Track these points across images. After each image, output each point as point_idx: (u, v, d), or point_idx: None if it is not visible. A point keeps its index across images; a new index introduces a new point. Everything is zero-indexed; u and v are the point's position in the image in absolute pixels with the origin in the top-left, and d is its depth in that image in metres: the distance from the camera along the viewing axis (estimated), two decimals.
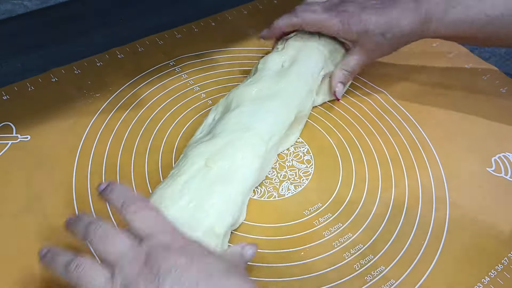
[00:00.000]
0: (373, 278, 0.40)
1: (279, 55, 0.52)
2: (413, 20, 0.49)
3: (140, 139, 0.50)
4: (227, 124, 0.44)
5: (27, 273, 0.38)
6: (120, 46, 0.61)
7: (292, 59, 0.51)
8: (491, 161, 0.51)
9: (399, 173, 0.49)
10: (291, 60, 0.51)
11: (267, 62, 0.51)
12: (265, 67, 0.51)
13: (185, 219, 0.37)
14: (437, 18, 0.49)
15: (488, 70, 0.63)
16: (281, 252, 0.41)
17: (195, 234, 0.36)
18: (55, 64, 0.58)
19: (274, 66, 0.51)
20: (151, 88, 0.56)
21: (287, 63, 0.51)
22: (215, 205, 0.38)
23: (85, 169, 0.46)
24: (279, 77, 0.49)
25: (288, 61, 0.52)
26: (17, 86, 0.54)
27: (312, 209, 0.45)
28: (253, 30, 0.66)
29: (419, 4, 0.49)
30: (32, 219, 0.42)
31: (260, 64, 0.52)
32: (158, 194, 0.39)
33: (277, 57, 0.52)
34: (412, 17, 0.49)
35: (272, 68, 0.51)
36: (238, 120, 0.44)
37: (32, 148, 0.48)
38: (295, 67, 0.50)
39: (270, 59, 0.52)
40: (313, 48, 0.53)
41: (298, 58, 0.51)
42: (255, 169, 0.42)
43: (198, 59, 0.61)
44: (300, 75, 0.50)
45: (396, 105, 0.56)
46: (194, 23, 0.66)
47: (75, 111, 0.52)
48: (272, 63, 0.51)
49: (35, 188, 0.44)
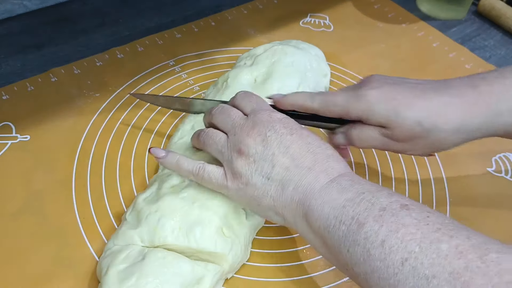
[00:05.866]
0: None
1: (250, 70, 0.49)
2: None
3: (140, 139, 0.50)
4: None
5: (27, 272, 0.38)
6: (120, 46, 0.61)
7: (266, 75, 0.49)
8: (491, 161, 0.51)
9: (399, 173, 0.49)
10: (265, 76, 0.49)
11: (238, 77, 0.49)
12: (236, 82, 0.48)
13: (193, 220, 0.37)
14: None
15: (488, 70, 0.63)
16: (281, 252, 0.41)
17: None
18: (55, 64, 0.58)
19: (246, 81, 0.49)
20: (151, 88, 0.56)
21: (260, 78, 0.49)
22: None
23: (84, 169, 0.46)
24: (258, 92, 0.45)
25: (261, 76, 0.49)
26: (17, 86, 0.54)
27: None
28: (253, 30, 0.66)
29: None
30: (32, 219, 0.42)
31: (230, 79, 0.49)
32: None
33: (249, 72, 0.49)
34: None
35: (244, 83, 0.48)
36: None
37: (32, 148, 0.48)
38: (273, 82, 0.48)
39: (242, 74, 0.49)
40: (287, 66, 0.50)
41: (273, 73, 0.49)
42: None
43: (198, 58, 0.61)
44: (281, 89, 0.47)
45: None
46: (194, 23, 0.67)
47: (75, 111, 0.52)
48: (244, 78, 0.49)
49: (35, 188, 0.44)
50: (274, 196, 0.34)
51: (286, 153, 0.34)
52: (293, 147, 0.34)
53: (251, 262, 0.40)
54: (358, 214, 0.29)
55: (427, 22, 0.71)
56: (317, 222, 0.31)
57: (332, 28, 0.68)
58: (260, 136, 0.35)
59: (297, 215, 0.33)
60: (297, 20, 0.69)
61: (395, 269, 0.26)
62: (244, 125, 0.36)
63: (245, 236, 0.39)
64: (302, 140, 0.34)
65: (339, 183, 0.32)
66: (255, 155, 0.34)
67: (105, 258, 0.36)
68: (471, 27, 0.71)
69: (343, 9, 0.72)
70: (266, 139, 0.34)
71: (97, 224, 0.42)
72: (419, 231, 0.27)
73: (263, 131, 0.35)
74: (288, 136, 0.34)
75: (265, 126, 0.35)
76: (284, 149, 0.34)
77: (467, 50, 0.66)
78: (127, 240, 0.37)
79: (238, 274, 0.39)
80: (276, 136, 0.34)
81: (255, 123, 0.35)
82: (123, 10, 0.68)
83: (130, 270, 0.34)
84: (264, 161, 0.34)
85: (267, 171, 0.34)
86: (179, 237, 0.36)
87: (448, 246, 0.25)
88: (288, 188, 0.33)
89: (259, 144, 0.34)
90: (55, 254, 0.39)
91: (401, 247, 0.26)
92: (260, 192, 0.34)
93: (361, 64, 0.62)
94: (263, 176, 0.34)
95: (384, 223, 0.28)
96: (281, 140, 0.34)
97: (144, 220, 0.37)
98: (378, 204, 0.29)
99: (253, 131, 0.35)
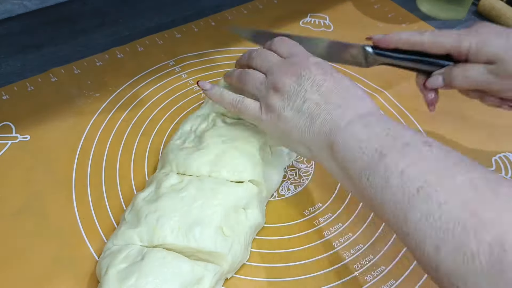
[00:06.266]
0: (373, 278, 0.40)
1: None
2: None
3: (140, 139, 0.50)
4: None
5: (27, 272, 0.38)
6: (120, 46, 0.61)
7: None
8: (491, 161, 0.51)
9: None
10: None
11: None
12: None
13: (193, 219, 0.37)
14: None
15: None
16: (281, 252, 0.41)
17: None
18: (55, 64, 0.58)
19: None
20: (151, 88, 0.56)
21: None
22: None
23: (85, 169, 0.46)
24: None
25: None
26: (17, 86, 0.54)
27: (312, 209, 0.45)
28: None
29: None
30: (32, 219, 0.42)
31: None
32: None
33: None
34: None
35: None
36: None
37: (32, 148, 0.48)
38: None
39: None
40: None
41: None
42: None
43: (198, 59, 0.61)
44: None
45: (396, 105, 0.56)
46: (194, 23, 0.67)
47: (75, 111, 0.52)
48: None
49: (35, 188, 0.44)
50: (303, 128, 0.36)
51: (318, 91, 0.36)
52: (325, 86, 0.36)
53: (251, 262, 0.40)
54: (381, 146, 0.31)
55: (427, 22, 0.71)
56: (341, 153, 0.33)
57: (332, 28, 0.68)
58: (295, 76, 0.37)
59: (323, 147, 0.35)
60: (297, 20, 0.69)
61: (410, 196, 0.28)
62: (281, 65, 0.39)
63: (245, 236, 0.38)
64: (335, 81, 0.36)
65: (366, 119, 0.33)
66: (289, 91, 0.37)
67: (105, 258, 0.36)
68: None
69: (343, 9, 0.72)
70: (301, 78, 0.37)
71: (97, 224, 0.42)
72: (438, 164, 0.28)
73: (299, 71, 0.37)
74: (322, 76, 0.36)
75: (301, 67, 0.37)
76: (317, 87, 0.36)
77: None
78: (126, 239, 0.37)
79: (238, 274, 0.39)
80: (310, 75, 0.36)
81: (292, 64, 0.38)
82: (123, 10, 0.68)
83: (130, 270, 0.34)
84: (297, 96, 0.36)
85: (298, 105, 0.36)
86: (179, 237, 0.36)
87: (464, 178, 0.27)
88: (316, 121, 0.35)
89: (294, 82, 0.37)
90: (55, 254, 0.39)
91: (418, 177, 0.28)
92: (291, 125, 0.36)
93: None
94: (294, 109, 0.36)
95: (405, 156, 0.29)
96: (314, 79, 0.36)
97: (144, 219, 0.37)
98: (402, 139, 0.31)
99: (289, 70, 0.37)
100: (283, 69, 0.38)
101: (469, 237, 0.24)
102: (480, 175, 0.27)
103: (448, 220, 0.26)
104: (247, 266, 0.40)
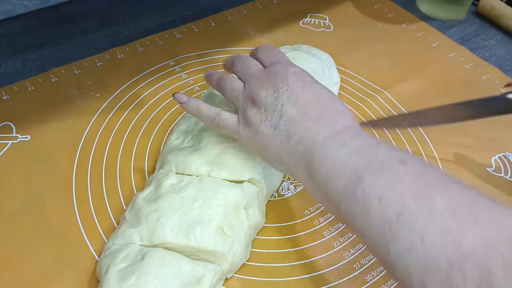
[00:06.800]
0: (373, 278, 0.40)
1: None
2: None
3: (140, 139, 0.50)
4: None
5: (27, 272, 0.38)
6: (120, 46, 0.61)
7: None
8: (491, 161, 0.51)
9: None
10: None
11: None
12: None
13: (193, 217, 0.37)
14: None
15: (488, 70, 0.63)
16: (281, 252, 0.41)
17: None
18: (55, 64, 0.58)
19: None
20: (151, 88, 0.56)
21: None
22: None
23: (85, 169, 0.46)
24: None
25: None
26: (17, 86, 0.54)
27: (312, 209, 0.45)
28: (253, 30, 0.66)
29: None
30: (32, 219, 0.42)
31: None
32: None
33: None
34: None
35: None
36: None
37: (32, 148, 0.48)
38: None
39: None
40: None
41: None
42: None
43: (198, 59, 0.61)
44: None
45: (396, 105, 0.56)
46: (194, 23, 0.67)
47: (75, 111, 0.52)
48: None
49: (35, 188, 0.44)
50: (279, 145, 0.35)
51: (295, 105, 0.35)
52: (302, 100, 0.35)
53: (251, 262, 0.40)
54: (357, 169, 0.30)
55: (427, 22, 0.71)
56: (318, 174, 0.32)
57: (332, 28, 0.68)
58: (272, 88, 0.36)
59: (300, 166, 0.34)
60: (297, 20, 0.69)
61: (390, 222, 0.27)
62: (260, 76, 0.38)
63: (245, 235, 0.39)
64: (313, 93, 0.36)
65: (341, 137, 0.33)
66: (266, 105, 0.36)
67: (105, 257, 0.36)
68: (471, 27, 0.72)
69: (343, 9, 0.72)
70: (278, 90, 0.36)
71: (97, 224, 0.42)
72: (416, 185, 0.27)
73: (276, 83, 0.36)
74: (300, 89, 0.36)
75: (278, 78, 0.37)
76: (294, 101, 0.35)
77: (467, 50, 0.66)
78: (126, 239, 0.37)
79: (238, 274, 0.39)
80: (288, 88, 0.36)
81: (270, 75, 0.37)
82: (124, 10, 0.68)
83: (130, 270, 0.34)
84: (274, 111, 0.36)
85: (275, 121, 0.36)
86: (179, 236, 0.36)
87: (442, 202, 0.26)
88: (292, 139, 0.34)
89: (271, 95, 0.36)
90: (55, 254, 0.40)
91: (396, 201, 0.27)
92: (267, 141, 0.36)
93: (361, 64, 0.62)
94: (271, 125, 0.36)
95: (381, 178, 0.28)
96: (292, 92, 0.36)
97: (144, 219, 0.37)
98: (377, 158, 0.30)
99: (267, 82, 0.37)
100: (261, 79, 0.37)
101: (454, 271, 0.24)
102: (458, 195, 0.26)
103: (432, 254, 0.25)
104: (247, 266, 0.40)
